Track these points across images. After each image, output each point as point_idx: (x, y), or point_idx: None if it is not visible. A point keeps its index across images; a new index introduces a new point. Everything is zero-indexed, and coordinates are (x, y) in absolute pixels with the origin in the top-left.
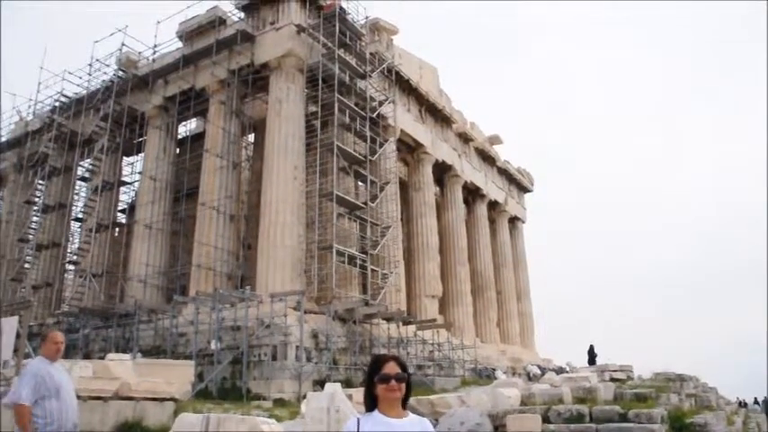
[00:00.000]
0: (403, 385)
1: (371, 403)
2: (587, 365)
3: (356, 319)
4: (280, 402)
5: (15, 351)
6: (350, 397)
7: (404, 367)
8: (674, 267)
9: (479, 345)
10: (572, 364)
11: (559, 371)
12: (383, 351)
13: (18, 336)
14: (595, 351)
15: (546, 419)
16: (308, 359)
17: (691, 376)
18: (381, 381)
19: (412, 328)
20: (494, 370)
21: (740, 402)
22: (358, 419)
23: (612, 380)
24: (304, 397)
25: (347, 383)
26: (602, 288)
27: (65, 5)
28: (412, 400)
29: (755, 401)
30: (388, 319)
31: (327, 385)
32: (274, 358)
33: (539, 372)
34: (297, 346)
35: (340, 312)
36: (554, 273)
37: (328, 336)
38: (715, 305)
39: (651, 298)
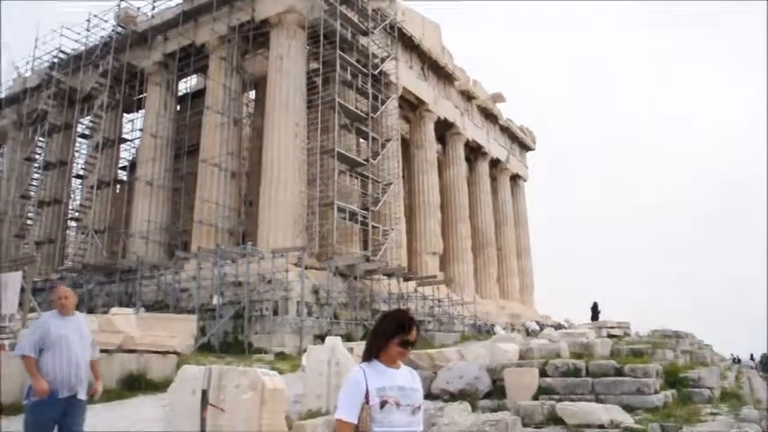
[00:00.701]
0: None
1: (374, 354)
2: (590, 322)
3: (357, 275)
4: (281, 356)
5: (20, 305)
6: (350, 350)
7: (417, 331)
8: (675, 228)
9: (479, 301)
10: (570, 321)
11: (558, 327)
12: (383, 307)
13: (23, 290)
14: (599, 308)
15: (543, 373)
16: (309, 314)
17: (687, 333)
18: (401, 345)
19: (412, 284)
20: (493, 326)
21: (734, 359)
22: (362, 367)
23: (610, 336)
24: (305, 351)
25: (348, 338)
26: (604, 247)
27: None
28: (411, 355)
29: (750, 357)
30: (389, 275)
31: (328, 339)
32: (275, 313)
33: (537, 328)
34: (298, 302)
35: (341, 268)
36: (555, 231)
37: (329, 291)
38: (717, 263)
39: (652, 257)
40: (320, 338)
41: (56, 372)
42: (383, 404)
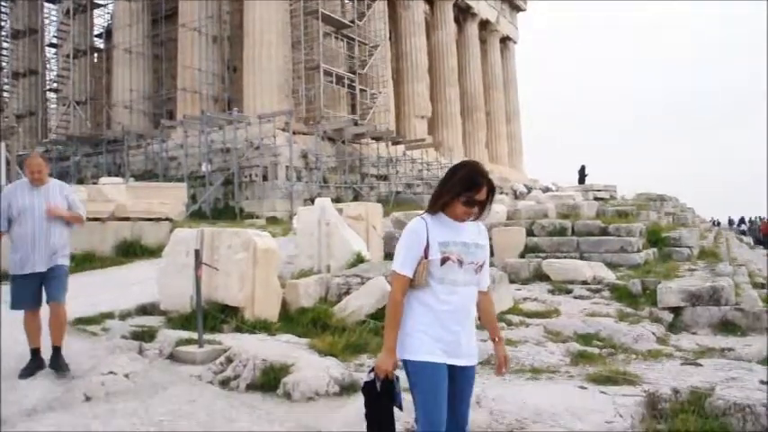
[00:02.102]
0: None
1: (439, 207)
2: (578, 185)
3: (345, 139)
4: (272, 220)
5: (7, 178)
6: (340, 211)
7: (490, 190)
8: (669, 93)
9: None
10: (558, 184)
11: (545, 190)
12: (372, 170)
13: (8, 163)
14: (586, 171)
15: (530, 233)
16: (299, 179)
17: (671, 197)
18: (467, 204)
19: (401, 147)
20: None
21: (714, 221)
22: (424, 218)
23: (596, 199)
24: (296, 214)
25: (337, 201)
26: (594, 111)
27: None
28: (399, 215)
29: (729, 221)
30: (378, 139)
31: (317, 200)
32: (265, 179)
33: (525, 190)
34: (287, 166)
35: (329, 132)
36: (544, 95)
37: (318, 156)
38: (708, 132)
39: (642, 121)
40: (310, 202)
41: (20, 246)
42: (444, 261)
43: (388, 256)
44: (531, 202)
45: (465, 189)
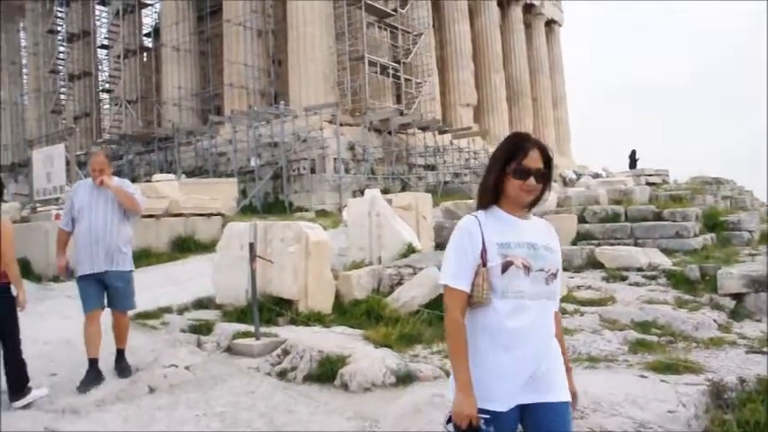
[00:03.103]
0: (540, 186)
1: (492, 197)
2: (628, 170)
3: (391, 130)
4: (322, 213)
5: (68, 177)
6: (389, 202)
7: (548, 160)
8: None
9: None
10: (608, 170)
11: (595, 176)
12: (420, 161)
13: (68, 163)
14: (637, 156)
15: (582, 219)
16: (346, 171)
17: (727, 180)
18: (518, 174)
19: (447, 136)
20: None
21: None
22: (476, 216)
23: (648, 184)
24: (345, 207)
25: (385, 192)
26: (643, 94)
27: None
28: (449, 204)
29: None
30: (424, 129)
31: (367, 191)
32: (313, 171)
33: (574, 176)
34: (334, 159)
35: (375, 123)
36: (591, 78)
37: (365, 147)
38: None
39: (694, 103)
40: (359, 194)
41: (81, 245)
42: (506, 266)
43: (439, 245)
44: (581, 189)
45: (510, 157)
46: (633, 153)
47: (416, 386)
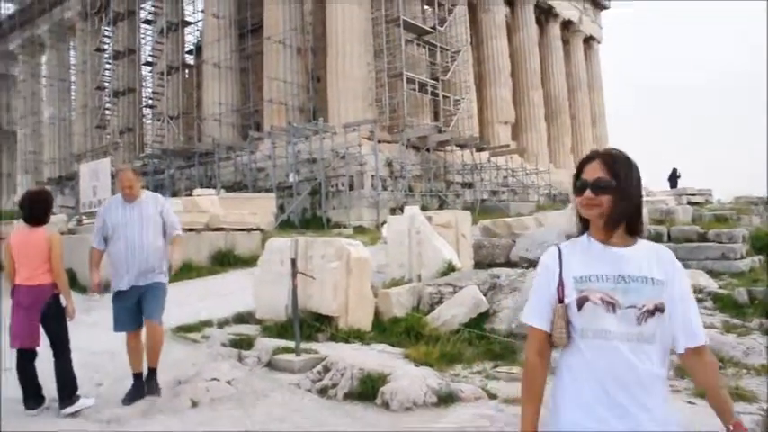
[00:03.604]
0: (606, 199)
1: (581, 224)
2: (669, 189)
3: (429, 147)
4: (359, 229)
5: (112, 191)
6: (429, 219)
7: (616, 170)
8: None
9: (553, 170)
10: (648, 189)
11: None
12: (457, 178)
13: (112, 176)
14: (678, 174)
15: None
16: (384, 187)
17: None
18: (576, 190)
19: (485, 154)
20: (568, 194)
21: None
22: (559, 247)
23: (690, 203)
24: (382, 224)
25: (423, 210)
26: (683, 111)
27: None
28: (487, 222)
29: None
30: (462, 146)
31: (407, 208)
32: (351, 188)
33: None
34: (372, 175)
35: (413, 140)
36: (631, 95)
37: (402, 164)
38: None
39: (737, 122)
40: (397, 211)
41: (115, 263)
42: (581, 302)
43: (478, 264)
44: None
45: (577, 177)
46: (674, 171)
47: (458, 406)
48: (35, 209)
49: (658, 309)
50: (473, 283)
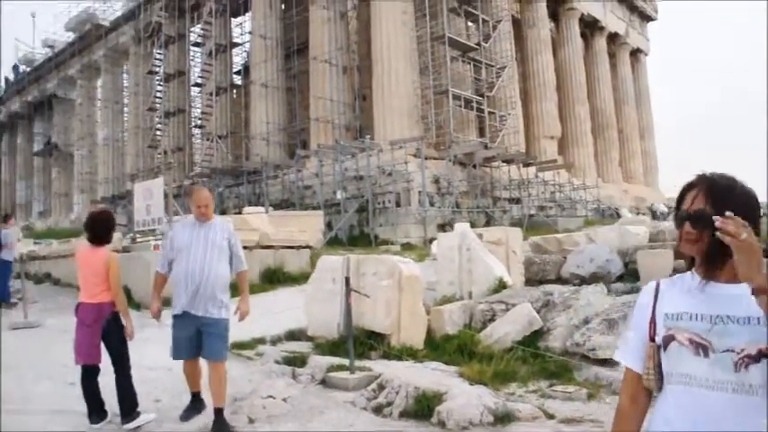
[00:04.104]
0: (707, 234)
1: (688, 259)
2: None
3: (476, 163)
4: (407, 246)
5: (165, 209)
6: (480, 236)
7: (718, 199)
8: None
9: (601, 185)
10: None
11: None
12: (504, 194)
13: (165, 195)
14: None
15: (678, 255)
16: (431, 204)
17: None
18: (676, 222)
19: (532, 169)
20: (617, 209)
21: None
22: (657, 282)
23: None
24: (430, 241)
25: (470, 226)
26: (736, 122)
27: None
28: (537, 239)
29: None
30: (508, 162)
31: (457, 225)
32: (398, 205)
33: (665, 210)
34: (419, 192)
35: (459, 157)
36: (680, 107)
37: (449, 180)
38: None
39: None
40: (443, 228)
41: (178, 286)
42: (667, 342)
43: (529, 281)
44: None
45: (678, 203)
46: None
47: (515, 426)
48: (97, 229)
49: (764, 354)
50: (525, 300)
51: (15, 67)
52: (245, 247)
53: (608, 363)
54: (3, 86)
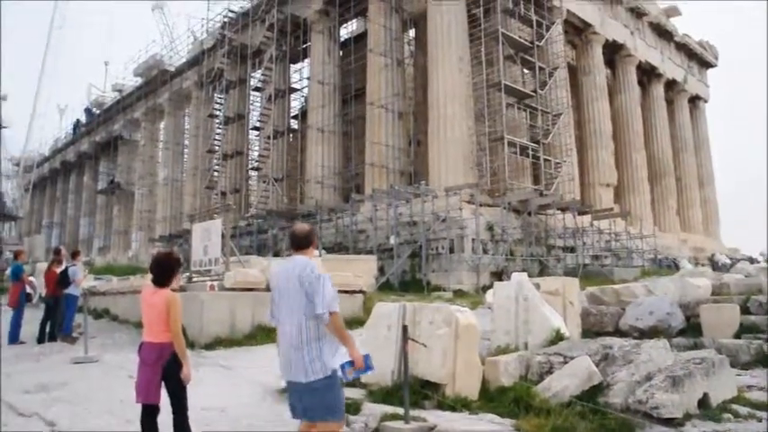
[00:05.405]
0: None
1: None
2: None
3: (530, 211)
4: (459, 293)
5: (222, 250)
6: (537, 286)
7: None
8: None
9: (658, 234)
10: (766, 254)
11: (751, 261)
12: (559, 242)
13: (223, 236)
14: None
15: (745, 310)
16: (485, 251)
17: None
18: None
19: (587, 217)
20: (675, 260)
21: None
22: None
23: None
24: (482, 288)
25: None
26: None
27: None
28: (594, 289)
29: None
30: (563, 210)
31: (514, 275)
32: (451, 251)
33: (728, 261)
34: (473, 239)
35: (514, 204)
36: (742, 155)
37: (503, 228)
38: None
39: None
40: (496, 275)
41: (280, 344)
42: None
43: (586, 332)
44: (738, 276)
45: None
46: None
47: None
48: (161, 271)
49: None
50: (584, 353)
51: (88, 110)
52: None
53: (672, 422)
54: (72, 128)
